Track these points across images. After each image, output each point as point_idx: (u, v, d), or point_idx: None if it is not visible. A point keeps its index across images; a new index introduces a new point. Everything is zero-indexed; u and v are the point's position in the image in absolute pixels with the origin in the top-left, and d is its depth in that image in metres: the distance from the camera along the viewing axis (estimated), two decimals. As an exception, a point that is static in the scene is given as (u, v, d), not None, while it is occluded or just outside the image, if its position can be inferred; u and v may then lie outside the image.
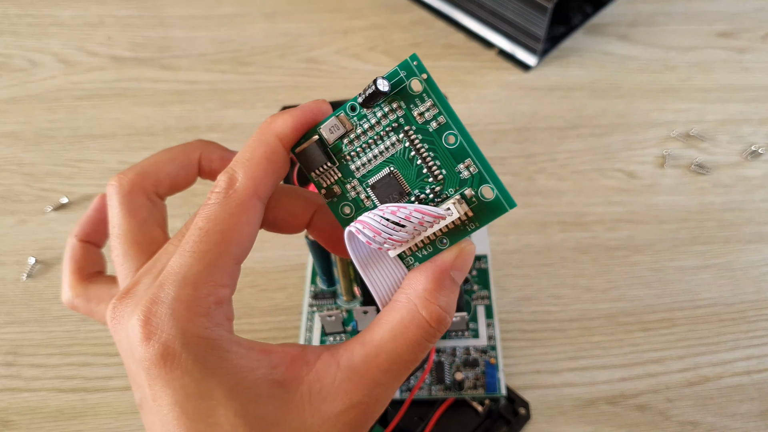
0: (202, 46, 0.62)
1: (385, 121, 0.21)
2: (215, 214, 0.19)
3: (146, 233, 0.23)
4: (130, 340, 0.18)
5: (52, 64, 0.60)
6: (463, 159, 0.20)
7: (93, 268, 0.26)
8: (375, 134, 0.21)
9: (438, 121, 0.20)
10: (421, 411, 0.36)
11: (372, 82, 0.20)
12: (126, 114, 0.56)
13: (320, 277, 0.40)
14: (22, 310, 0.43)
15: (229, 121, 0.55)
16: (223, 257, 0.19)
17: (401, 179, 0.21)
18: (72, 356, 0.41)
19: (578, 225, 0.47)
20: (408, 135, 0.21)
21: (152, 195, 0.24)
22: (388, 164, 0.21)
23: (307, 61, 0.60)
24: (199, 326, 0.18)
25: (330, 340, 0.38)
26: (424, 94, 0.20)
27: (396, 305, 0.20)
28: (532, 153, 0.51)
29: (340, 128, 0.21)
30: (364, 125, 0.21)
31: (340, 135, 0.21)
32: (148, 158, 0.24)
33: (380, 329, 0.20)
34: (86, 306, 0.25)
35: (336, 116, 0.21)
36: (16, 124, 0.55)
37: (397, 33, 0.62)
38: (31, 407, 0.39)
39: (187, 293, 0.18)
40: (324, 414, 0.19)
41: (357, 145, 0.21)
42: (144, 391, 0.19)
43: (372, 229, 0.20)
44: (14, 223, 0.48)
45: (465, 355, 0.37)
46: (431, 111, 0.20)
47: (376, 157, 0.21)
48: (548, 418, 0.37)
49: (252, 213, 0.20)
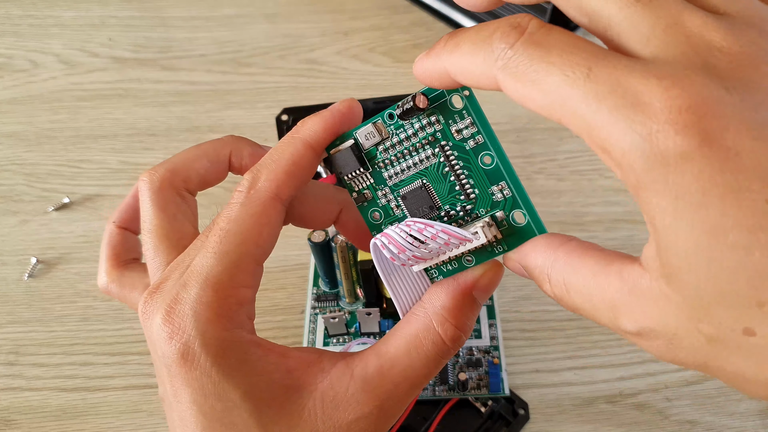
0: (203, 46, 0.62)
1: (422, 134, 0.20)
2: (236, 214, 0.20)
3: (176, 228, 0.23)
4: (154, 337, 0.19)
5: (53, 64, 0.60)
6: (498, 181, 0.20)
7: (129, 254, 0.27)
8: (410, 145, 0.21)
9: (476, 140, 0.20)
10: (425, 411, 0.36)
11: (411, 97, 0.19)
12: (127, 114, 0.56)
13: (323, 279, 0.40)
14: (23, 310, 0.43)
15: (230, 121, 0.55)
16: (243, 258, 0.19)
17: (433, 193, 0.21)
18: (73, 356, 0.41)
19: (577, 225, 0.47)
20: (444, 150, 0.20)
21: (182, 191, 0.24)
22: (421, 177, 0.21)
23: (308, 62, 0.60)
24: (219, 328, 0.19)
25: (333, 341, 0.38)
26: (464, 111, 0.20)
27: (413, 318, 0.21)
28: (531, 153, 0.51)
29: (376, 136, 0.21)
30: (401, 135, 0.21)
31: (375, 142, 0.21)
32: (178, 154, 0.24)
33: (395, 342, 0.20)
34: (120, 292, 0.26)
35: (373, 123, 0.21)
36: (18, 124, 0.55)
37: (397, 34, 0.63)
38: (33, 406, 0.39)
39: (208, 294, 0.19)
40: (335, 422, 0.19)
41: (392, 153, 0.21)
42: (166, 386, 0.19)
43: (396, 245, 0.20)
44: (16, 223, 0.48)
45: (468, 356, 0.37)
46: (470, 129, 0.20)
47: (409, 168, 0.21)
48: (547, 417, 0.37)
49: (272, 214, 0.20)
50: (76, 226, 0.48)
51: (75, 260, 0.46)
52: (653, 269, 0.15)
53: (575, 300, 0.18)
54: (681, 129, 0.13)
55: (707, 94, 0.13)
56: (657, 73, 0.14)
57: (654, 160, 0.13)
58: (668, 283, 0.14)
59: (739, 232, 0.13)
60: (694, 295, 0.14)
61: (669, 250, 0.14)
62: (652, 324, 0.15)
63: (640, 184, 0.14)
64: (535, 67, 0.15)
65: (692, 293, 0.14)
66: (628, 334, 0.16)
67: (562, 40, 0.15)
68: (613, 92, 0.14)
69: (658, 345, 0.16)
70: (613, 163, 0.14)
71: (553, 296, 0.19)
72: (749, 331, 0.13)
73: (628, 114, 0.13)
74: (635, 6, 0.15)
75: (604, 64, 0.14)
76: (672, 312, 0.15)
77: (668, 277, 0.14)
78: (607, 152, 0.14)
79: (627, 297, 0.16)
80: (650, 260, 0.15)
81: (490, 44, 0.16)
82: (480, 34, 0.16)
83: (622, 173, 0.14)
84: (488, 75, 0.16)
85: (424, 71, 0.19)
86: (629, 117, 0.13)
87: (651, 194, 0.14)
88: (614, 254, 0.17)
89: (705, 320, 0.14)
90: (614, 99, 0.14)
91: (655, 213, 0.14)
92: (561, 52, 0.15)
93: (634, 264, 0.16)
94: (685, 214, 0.13)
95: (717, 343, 0.14)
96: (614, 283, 0.16)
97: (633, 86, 0.14)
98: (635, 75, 0.14)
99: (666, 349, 0.15)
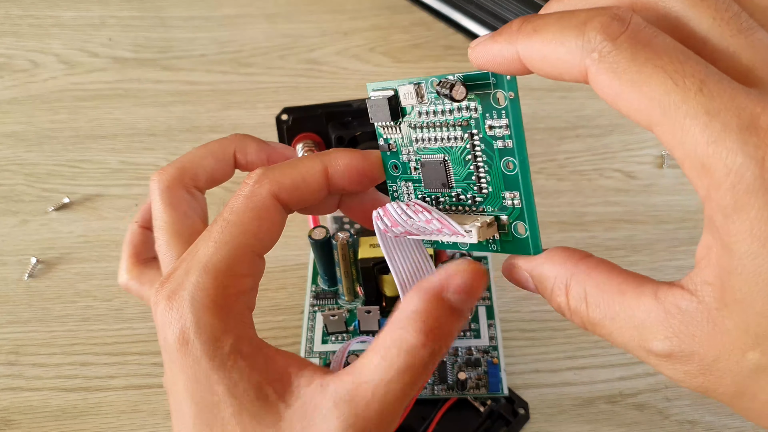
0: (203, 46, 0.62)
1: (458, 114, 0.20)
2: (239, 206, 0.20)
3: (187, 224, 0.24)
4: (158, 323, 0.19)
5: (53, 64, 0.60)
6: (512, 189, 0.20)
7: (149, 253, 0.28)
8: (444, 120, 0.21)
9: (505, 143, 0.19)
10: (424, 410, 0.36)
11: (449, 84, 0.19)
12: (127, 115, 0.56)
13: (322, 277, 0.40)
14: (23, 310, 0.43)
15: (230, 121, 0.55)
16: (241, 248, 0.20)
17: (450, 172, 0.21)
18: (73, 356, 0.41)
19: (577, 225, 0.47)
20: (472, 139, 0.20)
21: (191, 189, 0.25)
22: (445, 152, 0.21)
23: (308, 62, 0.60)
24: (214, 315, 0.19)
25: (332, 339, 0.38)
26: (503, 111, 0.19)
27: (386, 327, 0.19)
28: (531, 153, 0.51)
29: (415, 98, 0.21)
30: (438, 107, 0.21)
31: (412, 103, 0.21)
32: (186, 154, 0.25)
33: (368, 355, 0.19)
34: (139, 289, 0.27)
35: (416, 85, 0.21)
36: (18, 124, 0.55)
37: (397, 34, 0.63)
38: (33, 406, 0.39)
39: (206, 281, 0.19)
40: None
41: (425, 119, 0.21)
42: (167, 372, 0.19)
43: (391, 219, 0.20)
44: (16, 223, 0.48)
45: (467, 355, 0.37)
46: (503, 130, 0.19)
47: (436, 140, 0.21)
48: (547, 417, 0.37)
49: (272, 211, 0.21)
50: (76, 226, 0.48)
51: (75, 260, 0.46)
52: (705, 294, 0.15)
53: (594, 315, 0.17)
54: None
55: None
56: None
57: (761, 183, 0.13)
58: (724, 306, 0.14)
59: None
60: (754, 322, 0.14)
61: (739, 276, 0.14)
62: (691, 347, 0.15)
63: (736, 207, 0.13)
64: (640, 68, 0.14)
65: (753, 320, 0.14)
66: (655, 355, 0.16)
67: (671, 46, 0.15)
68: (727, 110, 0.13)
69: (688, 369, 0.16)
70: (709, 182, 0.14)
71: (566, 308, 0.18)
72: None
73: (742, 134, 0.13)
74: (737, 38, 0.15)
75: (717, 79, 0.14)
76: (719, 337, 0.15)
77: (726, 301, 0.14)
78: (706, 169, 0.14)
79: (662, 318, 0.16)
80: (701, 285, 0.15)
81: (583, 33, 0.15)
82: (570, 21, 0.15)
83: (719, 194, 0.14)
84: (576, 65, 0.15)
85: (486, 55, 0.18)
86: (743, 138, 0.13)
87: (743, 218, 0.13)
88: (643, 277, 0.17)
89: (758, 348, 0.14)
90: (728, 117, 0.13)
91: (739, 237, 0.14)
92: (672, 57, 0.14)
93: (672, 288, 0.16)
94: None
95: (763, 372, 0.14)
96: (647, 303, 0.16)
97: (749, 108, 0.13)
98: (751, 98, 0.14)
99: (698, 373, 0.15)
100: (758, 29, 0.15)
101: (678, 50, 0.14)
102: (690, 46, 0.15)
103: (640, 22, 0.15)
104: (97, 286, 0.44)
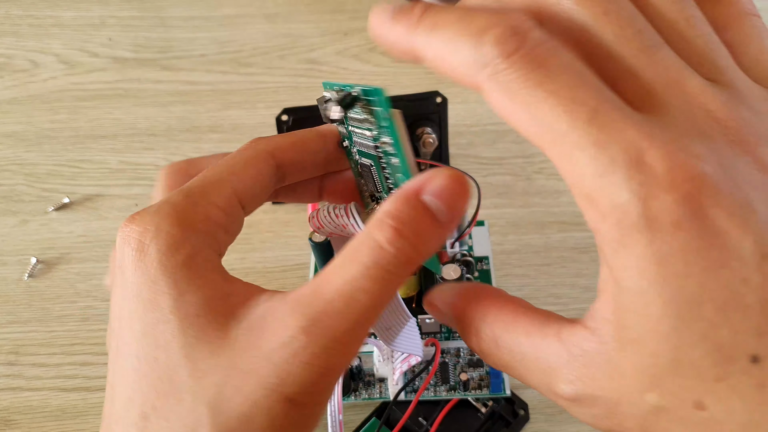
0: (203, 46, 0.62)
1: (366, 125, 0.21)
2: (235, 153, 0.21)
3: None
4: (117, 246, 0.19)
5: (53, 64, 0.60)
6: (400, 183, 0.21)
7: None
8: (363, 128, 0.21)
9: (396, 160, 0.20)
10: (426, 411, 0.36)
11: (324, 106, 0.20)
12: (127, 115, 0.56)
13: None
14: (23, 310, 0.43)
15: (231, 121, 0.55)
16: (222, 183, 0.20)
17: (375, 175, 0.22)
18: (73, 356, 0.41)
19: (577, 225, 0.47)
20: (377, 150, 0.21)
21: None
22: (371, 159, 0.22)
23: (308, 62, 0.60)
24: (175, 225, 0.18)
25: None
26: (386, 129, 0.20)
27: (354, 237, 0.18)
28: (531, 153, 0.51)
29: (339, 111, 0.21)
30: (357, 115, 0.21)
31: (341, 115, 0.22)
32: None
33: (333, 260, 0.17)
34: None
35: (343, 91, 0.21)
36: (18, 124, 0.55)
37: (397, 34, 0.63)
38: (33, 406, 0.39)
39: (177, 198, 0.19)
40: (257, 351, 0.16)
41: (355, 125, 0.22)
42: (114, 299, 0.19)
43: (319, 221, 0.23)
44: (16, 223, 0.48)
45: (469, 356, 0.37)
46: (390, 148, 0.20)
47: (363, 145, 0.22)
48: (547, 417, 0.37)
49: (262, 163, 0.21)
50: (76, 226, 0.48)
51: (75, 260, 0.46)
52: (604, 332, 0.14)
53: (505, 357, 0.17)
54: (680, 198, 0.13)
55: (706, 168, 0.13)
56: (661, 134, 0.13)
57: (645, 222, 0.13)
58: (621, 347, 0.14)
59: (712, 306, 0.13)
60: (649, 363, 0.14)
61: (632, 314, 0.14)
62: (594, 390, 0.15)
63: (622, 242, 0.13)
64: (531, 91, 0.14)
65: (647, 360, 0.14)
66: (563, 399, 0.16)
67: (568, 67, 0.14)
68: (615, 143, 0.13)
69: (595, 412, 0.15)
70: (595, 214, 0.14)
71: (479, 351, 0.18)
72: (700, 405, 0.13)
73: (628, 171, 0.13)
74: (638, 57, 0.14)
75: (610, 108, 0.14)
76: (618, 379, 0.14)
77: (622, 341, 0.14)
78: (592, 201, 0.14)
79: (566, 361, 0.15)
80: (601, 322, 0.15)
81: (479, 44, 0.14)
82: (468, 27, 0.15)
83: (605, 227, 0.14)
84: (470, 76, 0.15)
85: (386, 40, 0.17)
86: (629, 174, 0.13)
87: (629, 254, 0.13)
88: (549, 314, 0.17)
89: (655, 389, 0.14)
90: (615, 151, 0.13)
91: (628, 274, 0.13)
92: (565, 82, 0.14)
93: (575, 326, 0.15)
94: (664, 280, 0.13)
95: (662, 413, 0.14)
96: (551, 346, 0.16)
97: (637, 142, 0.13)
98: (641, 131, 0.13)
99: (604, 416, 0.15)
100: (662, 47, 0.15)
101: (574, 73, 0.14)
102: (593, 61, 0.15)
103: (538, 38, 0.14)
104: (97, 286, 0.44)
